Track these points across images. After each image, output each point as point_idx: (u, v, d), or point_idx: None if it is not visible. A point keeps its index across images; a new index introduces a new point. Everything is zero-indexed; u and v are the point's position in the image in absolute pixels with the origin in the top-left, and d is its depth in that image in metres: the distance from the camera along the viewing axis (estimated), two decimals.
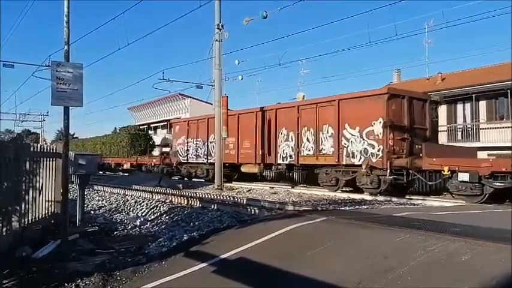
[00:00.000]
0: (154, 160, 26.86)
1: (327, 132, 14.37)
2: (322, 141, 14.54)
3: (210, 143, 19.66)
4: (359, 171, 13.17)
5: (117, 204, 11.71)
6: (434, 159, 11.43)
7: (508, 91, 19.87)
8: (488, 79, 20.92)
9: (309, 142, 15.01)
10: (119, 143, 40.92)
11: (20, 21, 66.15)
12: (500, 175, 10.15)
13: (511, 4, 23.14)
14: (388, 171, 12.15)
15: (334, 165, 14.06)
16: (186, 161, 21.71)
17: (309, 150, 15.02)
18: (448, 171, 10.83)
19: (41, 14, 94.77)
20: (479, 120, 21.56)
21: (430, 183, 11.82)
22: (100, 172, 32.62)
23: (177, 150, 22.24)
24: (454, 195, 11.12)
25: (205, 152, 20.10)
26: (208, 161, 19.72)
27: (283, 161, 16.09)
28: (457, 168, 10.72)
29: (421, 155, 12.30)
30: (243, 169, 18.31)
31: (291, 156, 15.72)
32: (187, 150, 21.48)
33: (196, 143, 20.89)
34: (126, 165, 30.85)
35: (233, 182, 18.38)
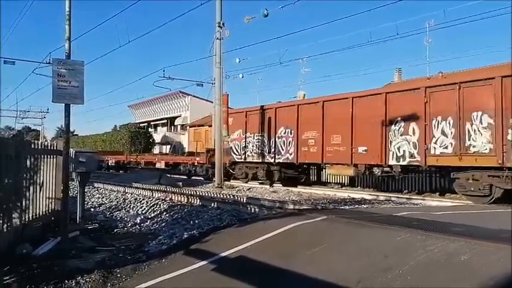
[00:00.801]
0: (197, 159, 22.70)
1: (480, 122, 10.50)
2: (470, 135, 10.71)
3: (279, 138, 16.18)
4: None
5: (117, 202, 11.73)
6: None
7: None
8: None
9: (446, 136, 11.20)
10: (119, 141, 40.98)
11: (21, 19, 66.14)
12: None
13: (511, 4, 23.08)
14: None
15: (490, 168, 10.40)
16: (242, 160, 18.02)
17: (446, 148, 11.21)
18: None
19: (41, 11, 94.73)
20: None
21: None
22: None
23: (231, 147, 18.42)
24: None
25: (272, 150, 16.45)
26: (276, 161, 16.27)
27: (397, 161, 12.23)
28: None
29: None
30: (330, 171, 15.06)
31: (411, 156, 11.85)
32: (245, 147, 17.75)
33: (259, 139, 17.13)
34: (160, 164, 26.89)
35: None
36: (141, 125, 51.82)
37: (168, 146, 42.07)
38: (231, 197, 11.72)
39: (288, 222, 5.59)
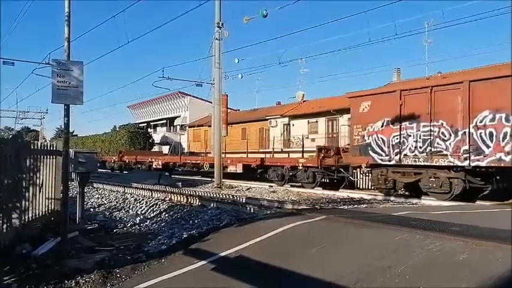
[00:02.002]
0: (302, 160, 16.68)
1: None
2: None
3: (479, 128, 10.42)
4: None
5: (117, 202, 11.74)
6: None
7: None
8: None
9: None
10: (118, 141, 41.00)
11: (21, 19, 66.17)
12: None
13: (511, 4, 23.12)
14: None
15: None
16: (393, 163, 12.21)
17: None
18: None
19: (40, 11, 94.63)
20: None
21: None
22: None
23: (369, 143, 12.75)
24: None
25: (462, 148, 10.74)
26: (474, 163, 10.51)
27: None
28: None
29: None
30: None
31: None
32: (400, 143, 11.99)
33: (430, 130, 11.36)
34: (234, 168, 19.40)
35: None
36: (140, 125, 51.84)
37: (168, 146, 42.09)
38: (230, 197, 11.73)
39: (287, 222, 5.61)
